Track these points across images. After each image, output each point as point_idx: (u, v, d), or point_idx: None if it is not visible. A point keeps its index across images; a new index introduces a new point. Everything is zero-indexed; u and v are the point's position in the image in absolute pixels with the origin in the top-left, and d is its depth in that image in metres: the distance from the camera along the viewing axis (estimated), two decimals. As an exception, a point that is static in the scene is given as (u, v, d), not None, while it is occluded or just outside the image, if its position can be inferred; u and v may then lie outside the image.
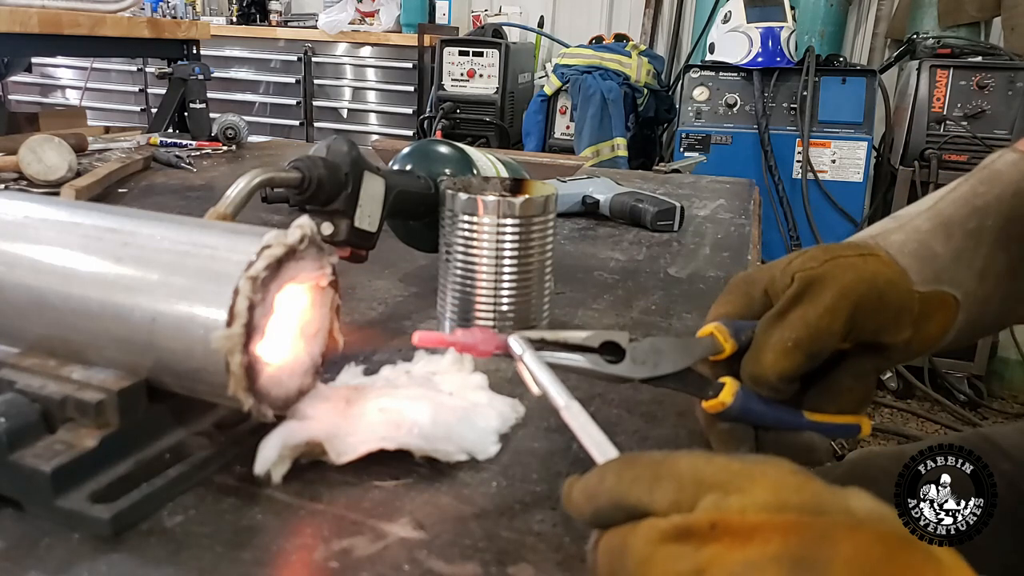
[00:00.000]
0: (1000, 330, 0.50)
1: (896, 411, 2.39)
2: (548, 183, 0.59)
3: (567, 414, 0.34)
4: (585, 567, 0.33)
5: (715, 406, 0.39)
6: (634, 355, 0.39)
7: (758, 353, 0.39)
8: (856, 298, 0.39)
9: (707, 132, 2.53)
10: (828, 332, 0.39)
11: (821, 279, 0.40)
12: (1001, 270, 0.44)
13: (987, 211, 0.44)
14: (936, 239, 0.44)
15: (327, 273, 0.40)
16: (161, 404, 0.38)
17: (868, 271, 0.41)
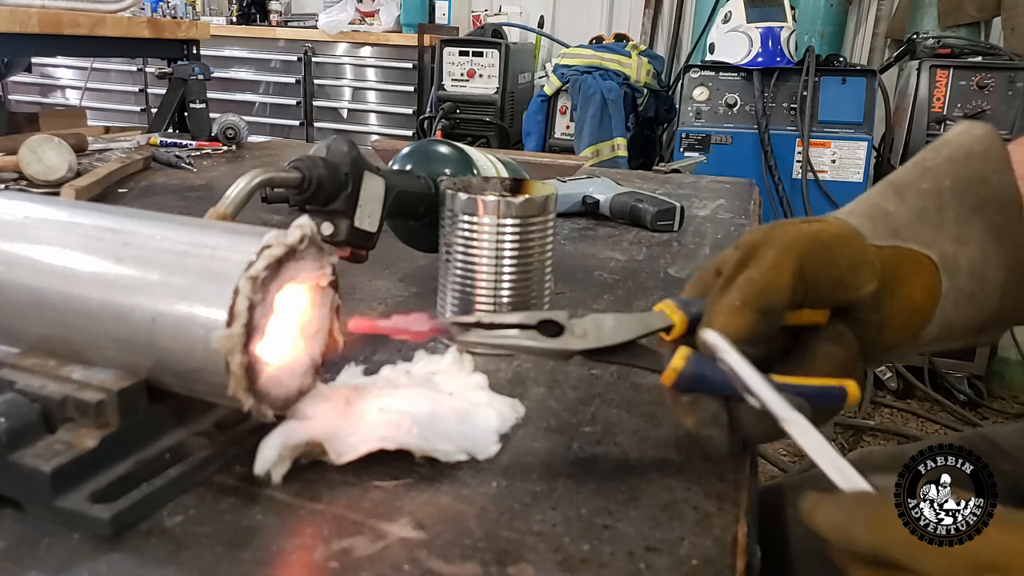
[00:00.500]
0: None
1: (896, 411, 2.39)
2: (548, 183, 0.59)
3: (793, 429, 0.32)
4: (589, 567, 0.33)
5: (668, 375, 0.38)
6: (573, 330, 0.39)
7: (709, 319, 0.38)
8: (800, 251, 0.38)
9: (707, 132, 2.53)
10: (775, 286, 0.38)
11: (764, 241, 0.39)
12: (984, 235, 0.42)
13: (939, 172, 0.43)
14: (886, 199, 0.43)
15: (327, 273, 0.40)
16: (161, 404, 0.38)
17: (812, 229, 0.40)
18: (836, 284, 0.39)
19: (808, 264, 0.38)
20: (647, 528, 0.36)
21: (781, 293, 0.38)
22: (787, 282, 0.38)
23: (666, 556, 0.34)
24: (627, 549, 0.34)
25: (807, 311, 0.40)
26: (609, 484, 0.39)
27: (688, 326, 0.39)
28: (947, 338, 0.43)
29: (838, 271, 0.39)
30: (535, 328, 0.39)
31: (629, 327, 0.39)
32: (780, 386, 0.37)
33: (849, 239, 0.40)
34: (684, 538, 0.35)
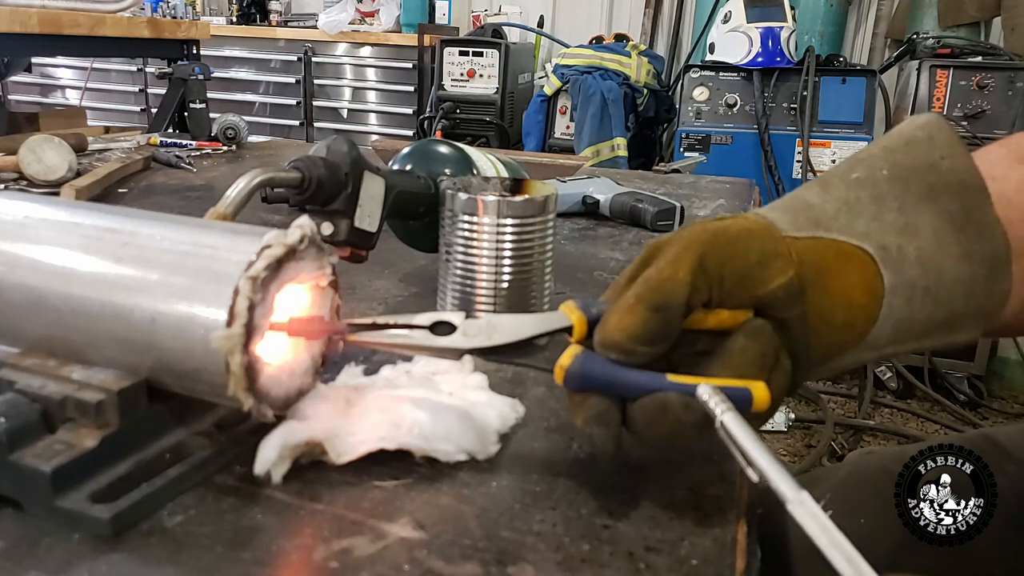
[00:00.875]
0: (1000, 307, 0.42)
1: (896, 411, 2.39)
2: (548, 183, 0.59)
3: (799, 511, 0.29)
4: (589, 567, 0.33)
5: (557, 372, 0.37)
6: (466, 329, 0.38)
7: (604, 318, 0.37)
8: (701, 247, 0.36)
9: (707, 132, 2.53)
10: (671, 281, 0.36)
11: (667, 241, 0.38)
12: (937, 224, 0.39)
13: (873, 161, 0.41)
14: (810, 192, 0.41)
15: (327, 273, 0.40)
16: (161, 404, 0.38)
17: (717, 224, 0.38)
18: (744, 279, 0.37)
19: (710, 258, 0.36)
20: (647, 528, 0.36)
21: (677, 289, 0.36)
22: (684, 277, 0.36)
23: (666, 556, 0.34)
24: (627, 549, 0.34)
25: (723, 312, 0.37)
26: (609, 484, 0.39)
27: (589, 327, 0.38)
28: (907, 339, 0.40)
29: (744, 265, 0.37)
30: (427, 328, 0.38)
31: (524, 327, 0.38)
32: (675, 386, 0.35)
33: (759, 232, 0.38)
34: (684, 538, 0.35)
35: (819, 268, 0.38)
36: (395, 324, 0.39)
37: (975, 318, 0.40)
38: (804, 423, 2.28)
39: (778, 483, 0.31)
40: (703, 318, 0.37)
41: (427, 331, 0.39)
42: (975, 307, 0.40)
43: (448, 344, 0.38)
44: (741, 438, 0.33)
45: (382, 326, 0.39)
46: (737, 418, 0.33)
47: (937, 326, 0.40)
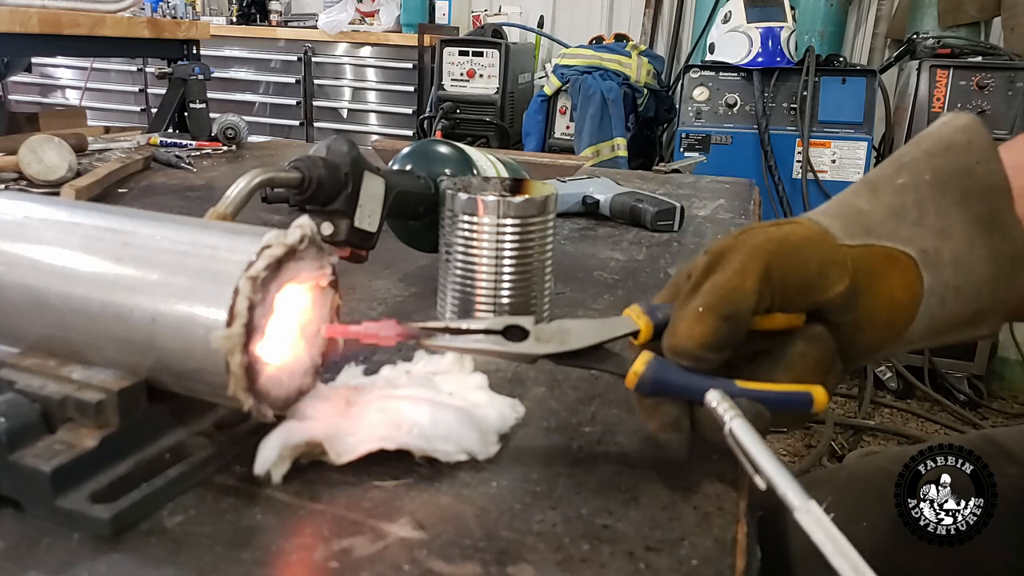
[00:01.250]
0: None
1: (896, 411, 2.39)
2: (548, 183, 0.59)
3: (806, 519, 0.30)
4: (589, 567, 0.33)
5: (630, 378, 0.38)
6: (539, 335, 0.39)
7: (673, 324, 0.38)
8: (766, 256, 0.38)
9: (707, 132, 2.53)
10: (740, 291, 0.37)
11: (732, 247, 0.39)
12: (968, 227, 0.41)
13: (917, 167, 0.43)
14: (860, 198, 0.43)
15: (327, 273, 0.40)
16: (161, 404, 0.38)
17: (780, 232, 0.40)
18: (804, 287, 0.38)
19: (774, 268, 0.38)
20: (647, 528, 0.36)
21: (746, 298, 0.37)
22: (752, 287, 0.37)
23: (666, 556, 0.34)
24: (627, 549, 0.34)
25: (779, 315, 0.39)
26: (609, 484, 0.39)
27: (655, 331, 0.39)
28: (937, 333, 0.42)
29: (806, 274, 0.38)
30: (500, 333, 0.39)
31: (594, 332, 0.39)
32: (742, 391, 0.36)
33: (818, 241, 0.40)
34: (684, 538, 0.35)
35: (869, 273, 0.40)
36: (468, 329, 0.39)
37: (997, 312, 0.42)
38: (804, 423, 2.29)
39: (785, 491, 0.31)
40: (760, 321, 0.39)
41: (500, 336, 0.39)
42: (998, 302, 0.42)
43: (522, 350, 0.39)
44: (749, 445, 0.33)
45: (455, 331, 0.39)
46: (745, 425, 0.34)
47: (964, 321, 0.42)
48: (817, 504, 0.30)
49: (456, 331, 0.39)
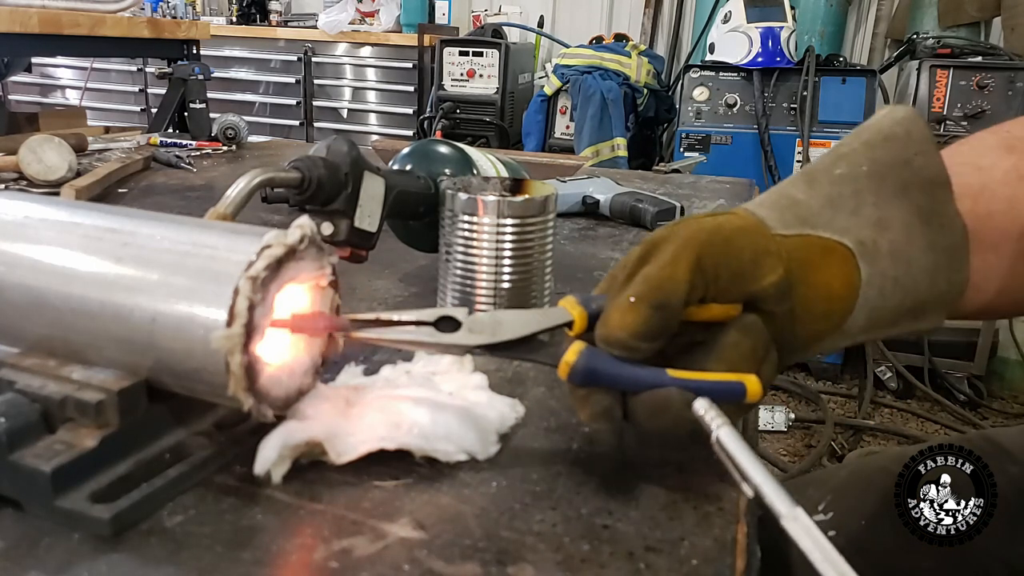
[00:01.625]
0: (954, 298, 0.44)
1: (896, 411, 2.39)
2: (548, 183, 0.59)
3: (793, 526, 0.30)
4: (589, 567, 0.33)
5: (562, 368, 0.37)
6: (472, 326, 0.39)
7: (606, 314, 0.38)
8: (698, 246, 0.38)
9: (707, 132, 2.53)
10: (671, 280, 0.37)
11: (665, 238, 0.39)
12: (907, 218, 0.41)
13: (855, 157, 0.43)
14: (796, 188, 0.42)
15: (327, 273, 0.40)
16: (161, 404, 0.38)
17: (713, 223, 0.40)
18: (737, 277, 0.38)
19: (707, 258, 0.38)
20: (647, 528, 0.36)
21: (677, 288, 0.37)
22: (683, 276, 0.37)
23: (666, 556, 0.34)
24: (627, 549, 0.34)
25: (715, 306, 0.39)
26: (609, 484, 0.39)
27: (589, 321, 0.39)
28: (878, 326, 0.42)
29: (738, 263, 0.38)
30: (433, 324, 0.39)
31: (528, 323, 0.39)
32: (676, 381, 0.36)
33: (751, 231, 0.40)
34: (684, 538, 0.35)
35: (804, 263, 0.40)
36: (399, 320, 0.39)
37: (938, 305, 0.43)
38: (804, 423, 2.28)
39: (772, 498, 0.31)
40: (696, 311, 0.39)
41: (432, 327, 0.39)
42: (938, 295, 0.42)
43: (454, 340, 0.39)
44: (736, 453, 0.33)
45: (386, 322, 0.39)
46: (732, 433, 0.34)
47: (904, 313, 0.42)
48: (804, 512, 0.30)
49: (388, 323, 0.39)
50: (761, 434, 2.20)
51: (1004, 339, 2.47)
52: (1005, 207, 0.43)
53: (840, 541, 0.64)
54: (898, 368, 2.42)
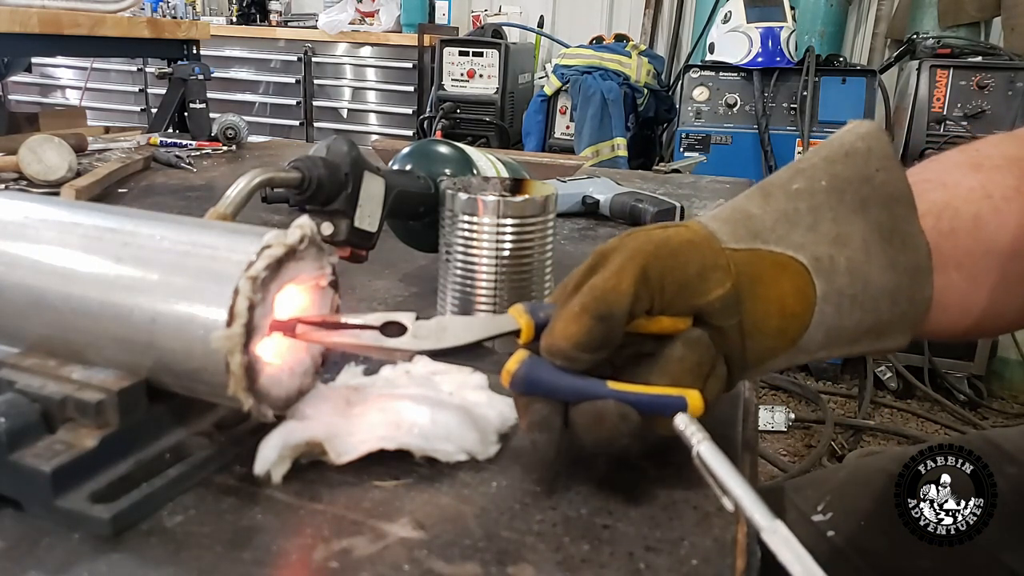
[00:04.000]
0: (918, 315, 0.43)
1: (896, 411, 2.39)
2: (548, 183, 0.59)
3: (774, 539, 0.30)
4: (589, 567, 0.33)
5: (503, 376, 0.38)
6: (416, 331, 0.39)
7: (551, 324, 0.38)
8: (645, 257, 0.38)
9: (707, 132, 2.53)
10: (615, 292, 0.37)
11: (613, 249, 0.39)
12: (867, 236, 0.40)
13: (814, 172, 0.42)
14: (751, 202, 0.42)
15: (327, 273, 0.40)
16: (161, 404, 0.38)
17: (662, 235, 0.39)
18: (683, 289, 0.38)
19: (652, 269, 0.38)
20: (647, 528, 0.36)
21: (621, 299, 0.37)
22: (628, 288, 0.37)
23: (666, 556, 0.34)
24: (627, 549, 0.34)
25: (664, 318, 0.39)
26: (609, 484, 0.39)
27: (536, 330, 0.39)
28: (837, 344, 0.41)
29: (684, 276, 0.38)
30: (378, 329, 0.39)
31: (474, 329, 0.39)
32: (614, 393, 0.36)
33: (700, 244, 0.39)
34: (684, 538, 0.35)
35: (755, 278, 0.39)
36: (346, 324, 0.39)
37: (901, 325, 0.42)
38: (804, 423, 2.29)
39: (752, 512, 0.31)
40: (645, 323, 0.38)
41: (377, 331, 0.39)
42: (900, 314, 0.41)
43: (397, 345, 0.39)
44: (716, 468, 0.33)
45: (332, 324, 0.39)
46: (713, 448, 0.34)
47: (865, 332, 0.41)
48: (784, 525, 0.30)
49: (334, 325, 0.39)
50: (761, 434, 2.20)
51: (1004, 339, 2.47)
52: (969, 225, 0.42)
53: (839, 541, 0.65)
54: (898, 368, 2.42)
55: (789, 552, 0.29)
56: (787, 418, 2.25)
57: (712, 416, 0.38)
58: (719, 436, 0.36)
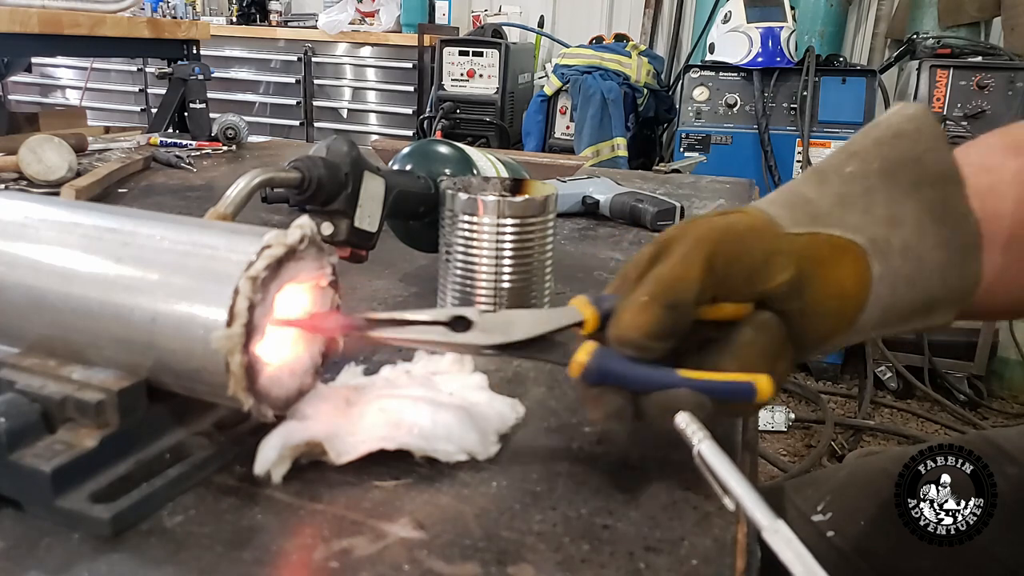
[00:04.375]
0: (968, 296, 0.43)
1: (896, 411, 2.39)
2: (548, 183, 0.59)
3: (775, 539, 0.30)
4: (589, 567, 0.33)
5: (573, 367, 0.38)
6: (484, 326, 0.39)
7: (618, 314, 0.38)
8: (710, 245, 0.38)
9: (707, 132, 2.53)
10: (683, 280, 0.37)
11: (676, 237, 0.39)
12: (919, 215, 0.41)
13: (866, 155, 0.43)
14: (807, 186, 0.42)
15: (327, 273, 0.40)
16: (161, 404, 0.38)
17: (725, 221, 0.40)
18: (749, 276, 0.39)
19: (718, 257, 0.38)
20: (647, 528, 0.36)
21: (689, 288, 0.37)
22: (695, 276, 0.37)
23: (666, 556, 0.34)
24: (627, 549, 0.34)
25: (727, 305, 0.39)
26: (609, 484, 0.39)
27: (601, 321, 0.39)
28: (890, 322, 0.42)
29: (750, 262, 0.39)
30: (446, 324, 0.39)
31: (540, 323, 0.39)
32: (686, 381, 0.36)
33: (763, 229, 0.40)
34: (684, 538, 0.35)
35: (816, 261, 0.40)
36: (414, 320, 0.39)
37: (949, 302, 0.42)
38: (804, 423, 2.28)
39: (754, 512, 0.31)
40: (708, 310, 0.39)
41: (446, 327, 0.39)
42: (949, 292, 0.42)
43: (467, 340, 0.39)
44: (717, 467, 0.33)
45: (400, 322, 0.39)
46: (714, 447, 0.34)
47: (916, 310, 0.42)
48: (785, 524, 0.30)
49: (403, 322, 0.39)
50: (761, 434, 2.20)
51: (1004, 339, 2.47)
52: (1013, 207, 0.43)
53: (840, 541, 0.65)
54: (898, 368, 2.42)
55: (791, 552, 0.29)
56: (787, 418, 2.25)
57: None
58: (719, 436, 0.36)
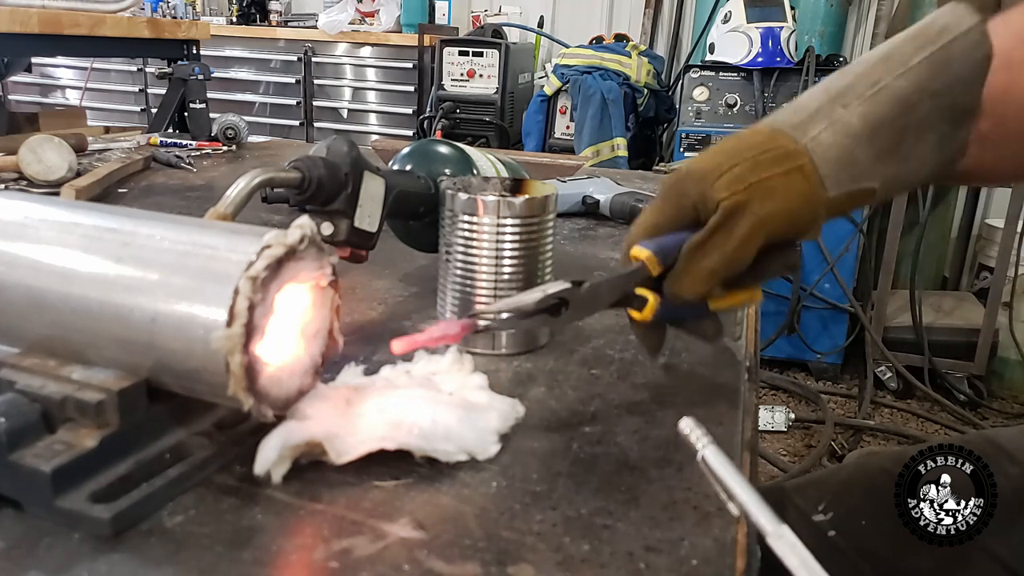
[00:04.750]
0: None
1: (896, 411, 2.39)
2: (548, 183, 0.59)
3: (780, 544, 0.30)
4: (589, 567, 0.33)
5: (643, 318, 0.46)
6: (576, 304, 0.44)
7: (679, 277, 0.45)
8: (771, 228, 0.44)
9: (707, 132, 2.53)
10: (742, 261, 0.44)
11: (741, 209, 0.44)
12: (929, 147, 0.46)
13: (919, 105, 0.45)
14: (860, 145, 0.45)
15: (327, 273, 0.40)
16: (161, 404, 0.38)
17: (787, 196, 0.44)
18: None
19: (774, 237, 0.45)
20: (647, 528, 0.36)
21: (744, 265, 0.45)
22: (751, 256, 0.44)
23: (666, 556, 0.34)
24: (627, 549, 0.34)
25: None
26: (609, 484, 0.39)
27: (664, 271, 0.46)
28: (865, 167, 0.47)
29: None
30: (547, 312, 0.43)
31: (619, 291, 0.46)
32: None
33: (812, 202, 0.45)
34: (684, 538, 0.35)
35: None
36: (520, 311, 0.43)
37: (992, 336, 0.46)
38: (804, 423, 2.28)
39: (758, 516, 0.31)
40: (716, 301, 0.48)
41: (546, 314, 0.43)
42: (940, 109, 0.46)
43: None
44: (721, 472, 0.34)
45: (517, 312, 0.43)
46: (718, 452, 0.34)
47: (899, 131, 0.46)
48: (789, 529, 0.30)
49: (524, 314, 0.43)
50: (761, 434, 2.20)
51: (1004, 339, 2.47)
52: None
53: (840, 541, 0.65)
54: (898, 368, 2.41)
55: (795, 557, 0.29)
56: (787, 418, 2.25)
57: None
58: (719, 436, 0.36)
